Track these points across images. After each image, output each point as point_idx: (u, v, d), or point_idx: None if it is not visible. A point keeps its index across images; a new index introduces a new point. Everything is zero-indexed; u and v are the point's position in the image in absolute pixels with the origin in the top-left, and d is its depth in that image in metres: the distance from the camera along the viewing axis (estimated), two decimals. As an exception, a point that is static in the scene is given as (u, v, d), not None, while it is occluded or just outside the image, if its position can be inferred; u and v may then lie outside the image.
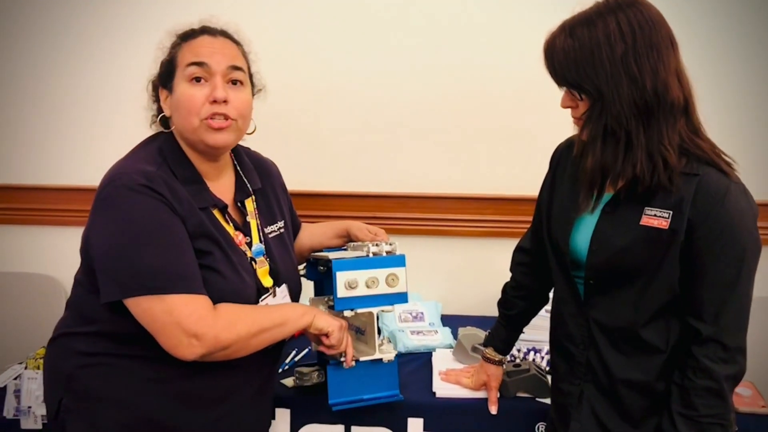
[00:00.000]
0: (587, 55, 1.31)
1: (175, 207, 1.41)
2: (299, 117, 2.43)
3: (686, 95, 1.34)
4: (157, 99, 1.57)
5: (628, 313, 1.41)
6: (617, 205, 1.41)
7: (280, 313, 1.50)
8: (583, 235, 1.46)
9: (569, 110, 1.42)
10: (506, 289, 1.79)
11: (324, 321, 1.53)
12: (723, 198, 1.30)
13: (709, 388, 1.34)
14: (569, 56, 1.33)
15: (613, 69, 1.30)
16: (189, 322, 1.36)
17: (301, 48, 2.39)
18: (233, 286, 1.47)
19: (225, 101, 1.47)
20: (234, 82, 1.51)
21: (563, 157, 1.58)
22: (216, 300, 1.43)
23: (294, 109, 2.41)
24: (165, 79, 1.53)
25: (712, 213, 1.31)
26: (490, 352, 1.80)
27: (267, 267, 1.59)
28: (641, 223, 1.37)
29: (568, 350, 1.54)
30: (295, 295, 1.67)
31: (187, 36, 1.53)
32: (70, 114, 2.49)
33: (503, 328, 1.78)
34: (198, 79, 1.48)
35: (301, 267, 1.80)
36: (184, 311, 1.36)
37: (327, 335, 1.54)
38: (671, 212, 1.34)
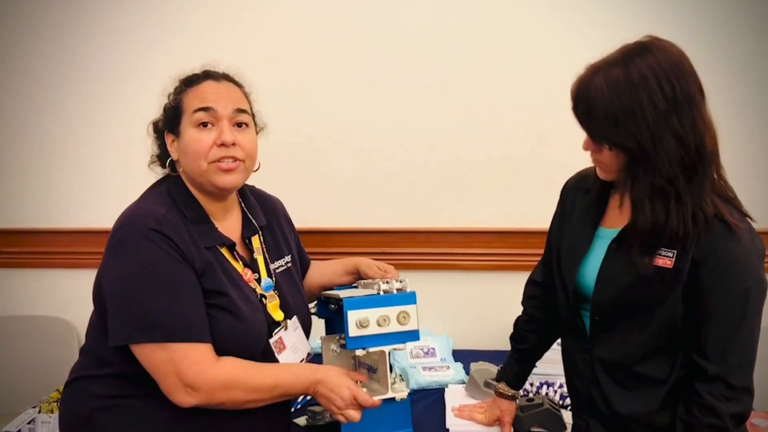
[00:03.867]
0: (629, 113, 1.25)
1: (183, 251, 1.44)
2: (306, 155, 2.45)
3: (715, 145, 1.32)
4: (162, 142, 1.59)
5: (630, 348, 1.41)
6: (622, 242, 1.40)
7: (283, 385, 1.48)
8: (591, 271, 1.46)
9: (581, 145, 1.39)
10: (518, 322, 1.78)
11: (327, 399, 1.51)
12: (727, 237, 1.30)
13: (713, 426, 1.33)
14: (609, 113, 1.26)
15: (659, 127, 1.25)
16: (188, 374, 1.40)
17: (306, 86, 2.42)
18: (241, 325, 1.49)
19: (233, 144, 1.51)
20: (239, 124, 1.55)
21: (572, 192, 1.58)
22: (225, 339, 1.46)
23: (301, 146, 2.43)
24: (171, 124, 1.56)
25: (716, 252, 1.30)
26: (502, 386, 1.79)
27: (277, 301, 1.62)
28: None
29: (575, 385, 1.54)
30: (305, 327, 1.69)
31: (191, 81, 1.57)
32: (81, 157, 2.52)
33: (516, 363, 1.78)
34: (205, 124, 1.52)
35: (312, 305, 1.81)
36: (184, 362, 1.40)
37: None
38: (675, 251, 1.33)
